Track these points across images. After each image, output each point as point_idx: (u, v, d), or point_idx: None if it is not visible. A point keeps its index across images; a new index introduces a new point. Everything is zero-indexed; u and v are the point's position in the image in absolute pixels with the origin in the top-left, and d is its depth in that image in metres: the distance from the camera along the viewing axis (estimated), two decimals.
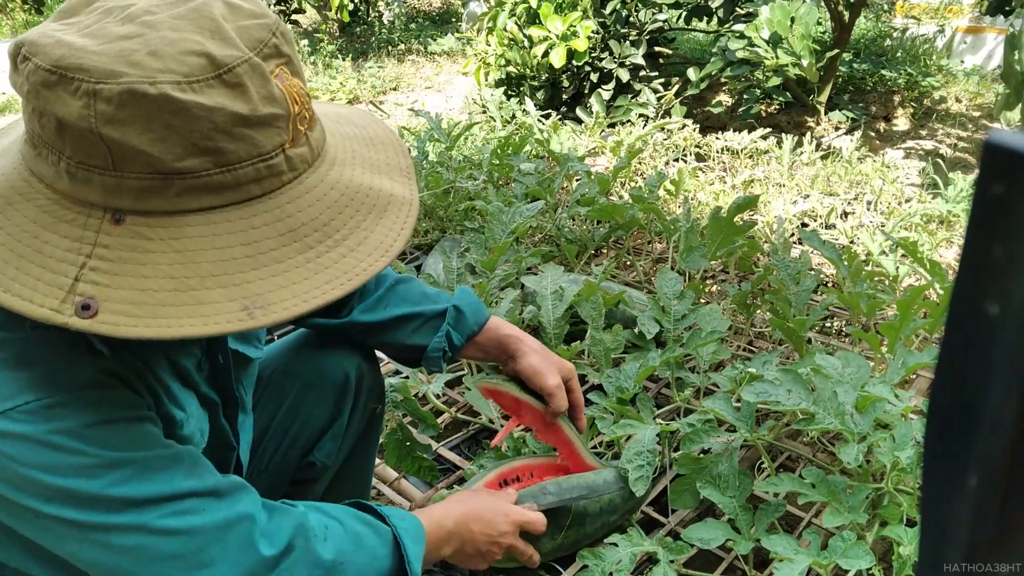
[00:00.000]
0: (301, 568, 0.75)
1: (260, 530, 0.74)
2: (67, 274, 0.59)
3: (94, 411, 0.65)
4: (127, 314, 0.59)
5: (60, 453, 0.63)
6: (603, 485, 1.30)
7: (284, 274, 0.63)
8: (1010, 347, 0.26)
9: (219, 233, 0.62)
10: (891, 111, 4.82)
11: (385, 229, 0.70)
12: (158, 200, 0.61)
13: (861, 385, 1.31)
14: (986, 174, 0.25)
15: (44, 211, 0.61)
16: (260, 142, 0.63)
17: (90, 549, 0.67)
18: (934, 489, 0.31)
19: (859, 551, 1.09)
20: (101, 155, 0.59)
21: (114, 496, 0.66)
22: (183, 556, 0.69)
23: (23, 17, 9.36)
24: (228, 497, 0.74)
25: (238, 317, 0.60)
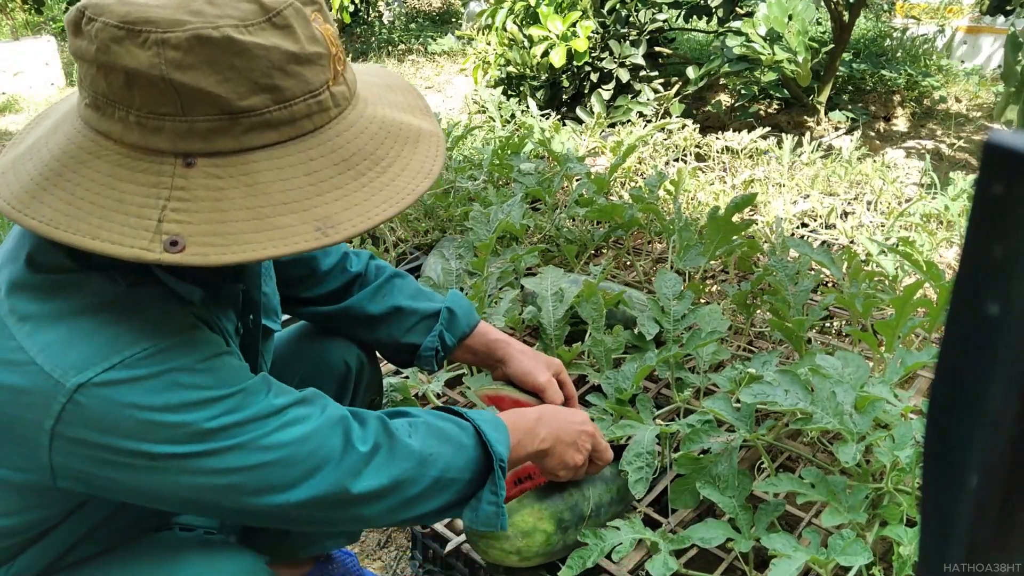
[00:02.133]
0: (395, 460, 0.81)
1: (353, 429, 0.80)
2: (150, 217, 0.64)
3: (200, 350, 0.72)
4: (213, 244, 0.64)
5: (180, 390, 0.69)
6: (612, 476, 1.32)
7: (345, 198, 0.69)
8: (1010, 347, 0.26)
9: (283, 167, 0.68)
10: (891, 111, 4.82)
11: (422, 156, 0.77)
12: (225, 140, 0.66)
13: (860, 385, 1.31)
14: (986, 174, 0.25)
15: (116, 165, 0.66)
16: (309, 79, 0.69)
17: (207, 477, 0.72)
18: (934, 489, 0.31)
19: (857, 548, 1.09)
20: (171, 101, 0.64)
21: (229, 423, 0.72)
22: (294, 463, 0.75)
23: (23, 17, 9.35)
24: (318, 400, 0.81)
25: (314, 236, 0.67)
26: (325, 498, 0.78)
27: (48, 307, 0.70)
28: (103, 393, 0.67)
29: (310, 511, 0.79)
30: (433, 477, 0.85)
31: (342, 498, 0.79)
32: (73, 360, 0.67)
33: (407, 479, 0.83)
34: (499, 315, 1.80)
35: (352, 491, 0.79)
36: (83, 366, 0.67)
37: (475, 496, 0.92)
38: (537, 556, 1.22)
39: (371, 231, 2.62)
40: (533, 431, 1.02)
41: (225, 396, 0.72)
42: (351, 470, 0.79)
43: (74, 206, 0.66)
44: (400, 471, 0.82)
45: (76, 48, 0.66)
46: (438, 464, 0.86)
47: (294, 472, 0.76)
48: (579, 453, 1.09)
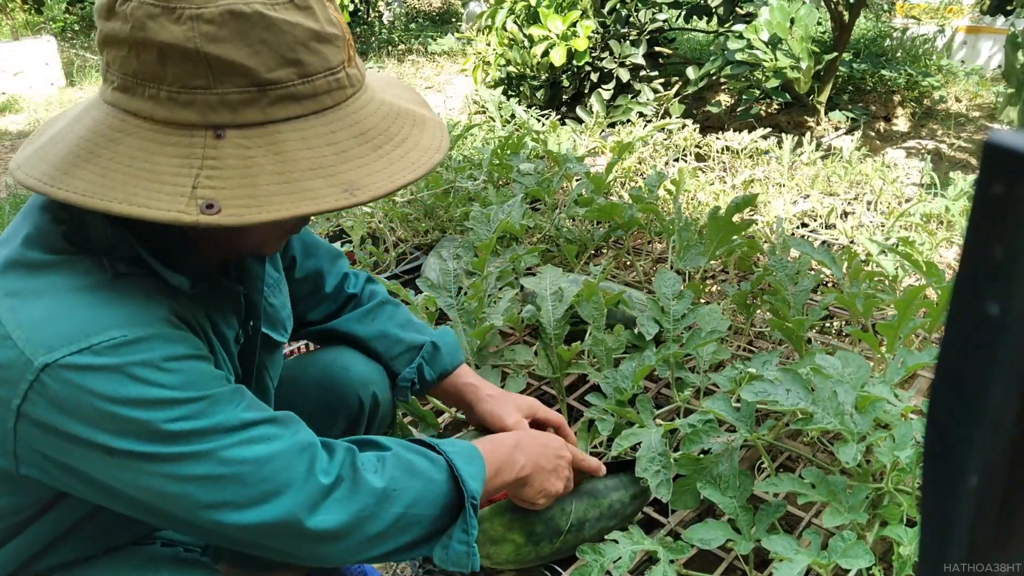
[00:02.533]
0: (356, 496, 0.80)
1: (319, 458, 0.79)
2: (184, 184, 0.67)
3: (171, 347, 0.72)
4: (247, 206, 0.67)
5: (140, 385, 0.69)
6: (603, 490, 1.29)
7: (367, 166, 0.73)
8: (1010, 347, 0.26)
9: (307, 137, 0.71)
10: (891, 111, 4.82)
11: (429, 137, 0.81)
12: (253, 112, 0.69)
13: (860, 385, 1.31)
14: (986, 174, 0.25)
15: (147, 140, 0.69)
16: (329, 57, 0.73)
17: (162, 481, 0.72)
18: (934, 489, 0.31)
19: (859, 550, 1.09)
20: (203, 74, 0.67)
21: (188, 429, 0.71)
22: (252, 483, 0.74)
23: (23, 17, 9.35)
24: (290, 426, 0.80)
25: (342, 196, 0.70)
26: (278, 526, 0.76)
27: (33, 284, 0.71)
28: (67, 376, 0.68)
29: (262, 537, 0.77)
30: (396, 514, 0.83)
31: (297, 530, 0.77)
32: (44, 339, 0.68)
33: (367, 516, 0.81)
34: (498, 314, 1.80)
35: (307, 525, 0.77)
36: (52, 346, 0.68)
37: (446, 533, 0.89)
38: (507, 563, 1.21)
39: (373, 233, 2.62)
40: (511, 459, 1.00)
41: (189, 400, 0.72)
42: (309, 501, 0.77)
43: (107, 178, 0.68)
44: (361, 507, 0.80)
45: (108, 31, 0.69)
46: (403, 500, 0.84)
47: (250, 492, 0.74)
48: (559, 480, 1.07)
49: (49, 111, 6.00)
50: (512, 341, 2.02)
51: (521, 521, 1.19)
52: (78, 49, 8.34)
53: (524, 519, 1.20)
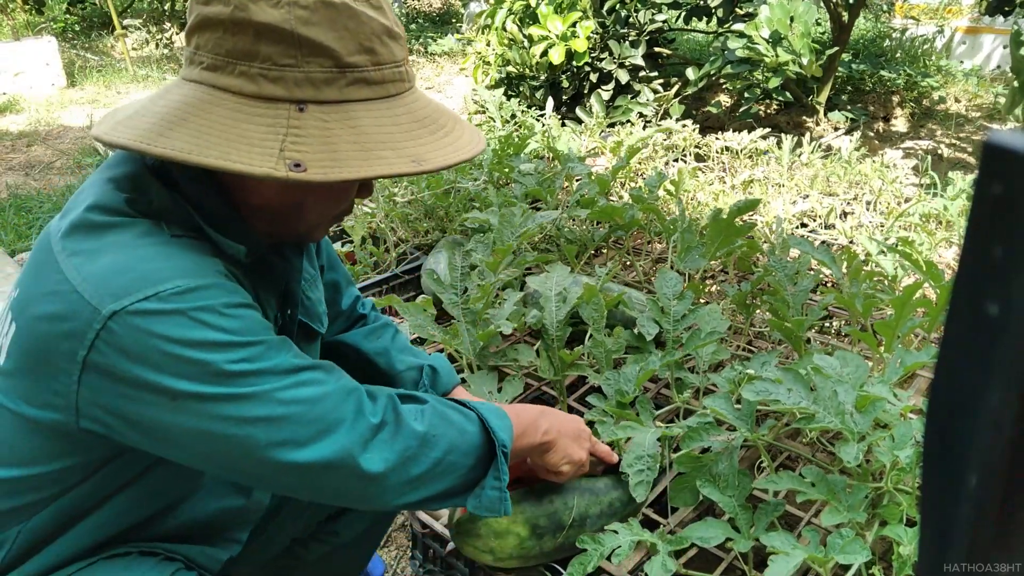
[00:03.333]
0: (399, 437, 0.85)
1: (365, 401, 0.85)
2: (273, 147, 0.74)
3: (229, 295, 0.78)
4: (330, 167, 0.75)
5: (203, 328, 0.74)
6: (603, 488, 1.30)
7: (426, 145, 0.82)
8: (1010, 347, 0.26)
9: (376, 117, 0.80)
10: (890, 111, 4.82)
11: (471, 131, 0.91)
12: (332, 91, 0.77)
13: (860, 384, 1.31)
14: (986, 174, 0.25)
15: (236, 111, 0.76)
16: (395, 52, 0.83)
17: (224, 424, 0.76)
18: (934, 489, 0.31)
19: (857, 547, 1.09)
20: (293, 54, 0.75)
21: (247, 369, 0.76)
22: (308, 422, 0.79)
23: (24, 17, 9.34)
24: (334, 371, 0.85)
25: (410, 164, 0.79)
26: (333, 464, 0.81)
27: (96, 244, 0.78)
28: (134, 322, 0.73)
29: (318, 478, 0.81)
30: (435, 458, 0.88)
31: (350, 468, 0.82)
32: (111, 289, 0.74)
33: (411, 456, 0.85)
34: (503, 317, 1.80)
35: (360, 461, 0.82)
36: (120, 295, 0.73)
37: (479, 484, 0.94)
38: (511, 559, 1.21)
39: (373, 233, 2.62)
40: (536, 423, 1.05)
41: (247, 343, 0.77)
42: (360, 438, 0.82)
43: (201, 139, 0.75)
44: (404, 447, 0.85)
45: (207, 13, 0.77)
46: (441, 445, 0.89)
47: (306, 430, 0.79)
48: (581, 449, 1.12)
49: (50, 111, 6.00)
50: (512, 341, 2.02)
51: (525, 514, 1.20)
52: (79, 50, 8.33)
53: (528, 512, 1.21)
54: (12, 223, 3.59)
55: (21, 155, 4.89)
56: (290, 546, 1.22)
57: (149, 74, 7.25)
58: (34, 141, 5.19)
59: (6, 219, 3.63)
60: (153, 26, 8.73)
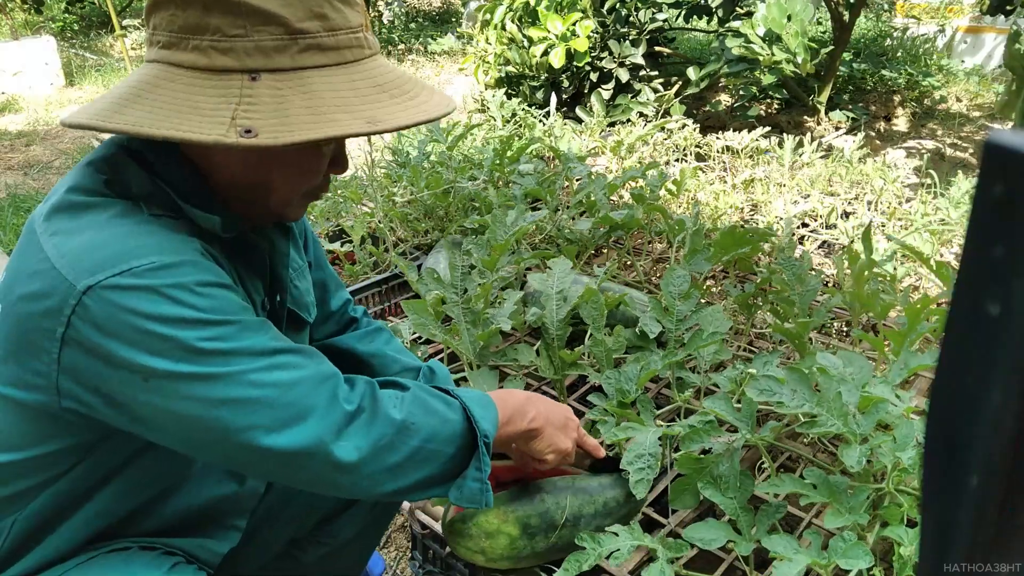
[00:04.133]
0: (375, 425, 0.84)
1: (341, 388, 0.84)
2: (224, 115, 0.75)
3: (203, 274, 0.78)
4: (280, 131, 0.75)
5: (175, 305, 0.75)
6: (598, 487, 1.29)
7: (385, 108, 0.82)
8: (1010, 347, 0.26)
9: (332, 83, 0.80)
10: (891, 111, 4.82)
11: (438, 98, 0.89)
12: (284, 58, 0.78)
13: (863, 385, 1.31)
14: (986, 174, 0.25)
15: (189, 84, 0.77)
16: (350, 17, 0.82)
17: (195, 405, 0.76)
18: (935, 489, 0.31)
19: (859, 551, 1.09)
20: (241, 24, 0.76)
21: (219, 348, 0.76)
22: (280, 406, 0.79)
23: (23, 17, 9.35)
24: (314, 356, 0.85)
25: (364, 126, 0.78)
26: (306, 451, 0.80)
27: (75, 223, 0.79)
28: (107, 296, 0.74)
29: (293, 463, 0.80)
30: (413, 446, 0.87)
31: (323, 456, 0.81)
32: (87, 265, 0.75)
33: (386, 445, 0.84)
34: (504, 316, 1.80)
35: (332, 450, 0.81)
36: (94, 270, 0.74)
37: (460, 475, 0.93)
38: (503, 559, 1.21)
39: (373, 233, 2.62)
40: (523, 410, 1.04)
41: (219, 322, 0.77)
42: (333, 426, 0.81)
43: (154, 113, 0.76)
44: (379, 435, 0.84)
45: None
46: (420, 433, 0.87)
47: (278, 415, 0.78)
48: (568, 439, 1.10)
49: (49, 111, 6.00)
50: (513, 341, 2.02)
51: (516, 514, 1.20)
52: (77, 49, 8.34)
53: (519, 512, 1.20)
54: (11, 223, 3.59)
55: (20, 155, 4.89)
56: (288, 548, 1.22)
57: None
58: (33, 141, 5.20)
59: (5, 219, 3.63)
60: None
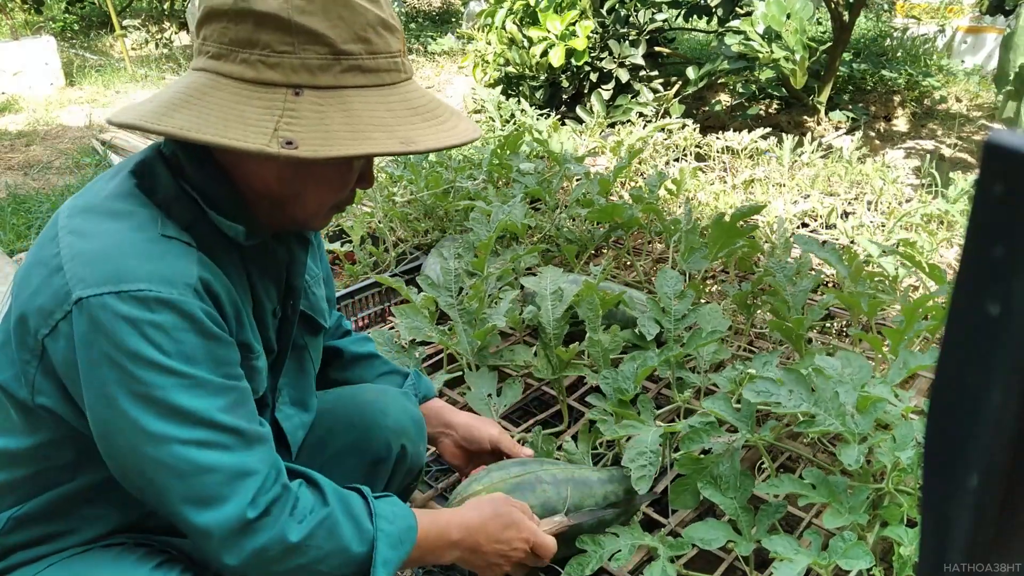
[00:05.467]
0: (268, 534, 0.85)
1: (258, 490, 0.84)
2: (267, 126, 0.79)
3: (184, 319, 0.80)
4: (320, 145, 0.79)
5: (146, 343, 0.78)
6: (598, 482, 1.31)
7: (418, 129, 0.86)
8: (1010, 347, 0.26)
9: (369, 103, 0.84)
10: (891, 111, 4.82)
11: (465, 123, 0.93)
12: (327, 77, 0.82)
13: (862, 385, 1.31)
14: (986, 174, 0.25)
15: (235, 95, 0.81)
16: (391, 43, 0.86)
17: (127, 444, 0.80)
18: (934, 489, 0.31)
19: (859, 551, 1.09)
20: (290, 41, 0.80)
21: (161, 398, 0.79)
22: (190, 484, 0.81)
23: (23, 17, 9.34)
24: (250, 447, 0.85)
25: (399, 145, 0.82)
26: (199, 532, 0.82)
27: (94, 227, 0.83)
28: (92, 313, 0.77)
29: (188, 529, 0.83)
30: (298, 564, 0.88)
31: (213, 546, 0.83)
32: (86, 275, 0.78)
33: (271, 558, 0.85)
34: (500, 315, 1.80)
35: (219, 548, 0.83)
36: (90, 283, 0.78)
37: None
38: None
39: (373, 233, 2.62)
40: (439, 554, 1.03)
41: (179, 372, 0.80)
42: (228, 527, 0.82)
43: (202, 119, 0.80)
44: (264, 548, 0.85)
45: (213, 5, 0.82)
46: (310, 555, 0.88)
47: (187, 491, 0.81)
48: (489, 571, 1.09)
49: (49, 111, 6.00)
50: (512, 341, 2.02)
51: None
52: (78, 49, 8.33)
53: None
54: (11, 223, 3.59)
55: (20, 155, 4.89)
56: None
57: (148, 74, 7.25)
58: (33, 141, 5.20)
59: (5, 219, 3.63)
60: (152, 26, 8.73)
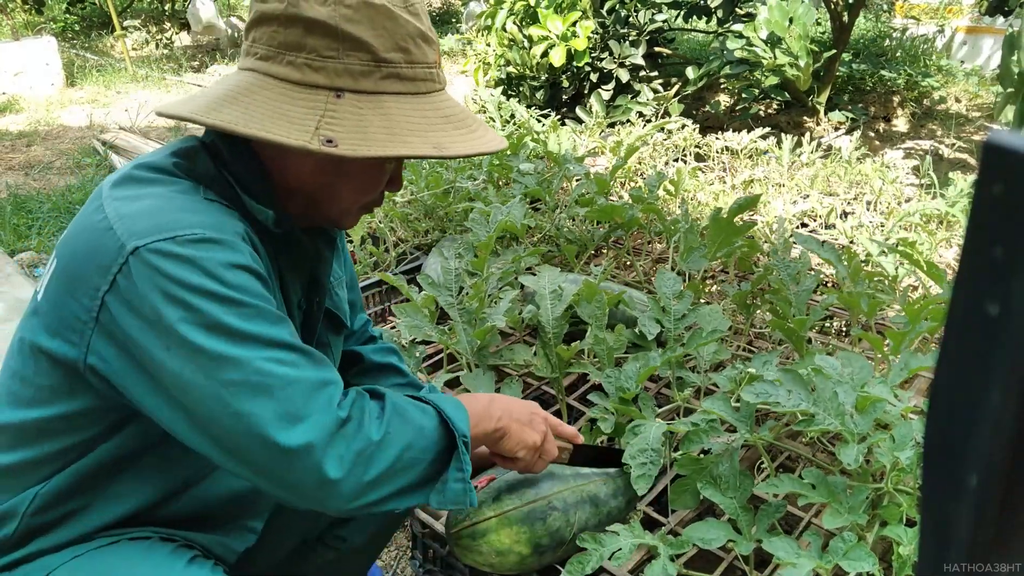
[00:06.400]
0: (358, 437, 0.86)
1: (336, 396, 0.86)
2: (309, 124, 0.84)
3: (240, 256, 0.84)
4: (358, 144, 0.83)
5: (206, 277, 0.80)
6: (604, 498, 1.31)
7: (449, 136, 0.90)
8: (1010, 347, 0.26)
9: (405, 109, 0.89)
10: (891, 111, 4.82)
11: (492, 134, 0.98)
12: (368, 82, 0.87)
13: (861, 385, 1.31)
14: (986, 174, 0.25)
15: (280, 94, 0.86)
16: (428, 54, 0.92)
17: (203, 378, 0.79)
18: (934, 489, 0.31)
19: (861, 553, 1.09)
20: (335, 47, 0.85)
21: (231, 325, 0.80)
22: (280, 400, 0.81)
23: (23, 17, 9.34)
24: (318, 360, 0.88)
25: (432, 149, 0.87)
26: (298, 451, 0.80)
27: (137, 192, 0.87)
28: (151, 259, 0.80)
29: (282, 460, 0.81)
30: (392, 456, 0.88)
31: (313, 462, 0.81)
32: (138, 228, 0.81)
33: (367, 457, 0.85)
34: (499, 315, 1.80)
35: (322, 459, 0.81)
36: (144, 234, 0.81)
37: (440, 478, 0.93)
38: (511, 570, 1.23)
39: (373, 233, 2.62)
40: (488, 411, 1.06)
41: (240, 302, 0.82)
42: (326, 434, 0.82)
43: (248, 115, 0.84)
44: (362, 447, 0.85)
45: (264, 10, 0.87)
46: (398, 444, 0.88)
47: (279, 408, 0.80)
48: (535, 432, 1.12)
49: (49, 111, 6.00)
50: (512, 341, 2.02)
51: (528, 534, 1.20)
52: (78, 49, 8.33)
53: (532, 532, 1.20)
54: (11, 223, 3.58)
55: (20, 155, 4.89)
56: (297, 549, 1.22)
57: (149, 74, 7.25)
58: (33, 141, 5.20)
59: (5, 219, 3.63)
60: (153, 26, 8.73)
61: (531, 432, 1.10)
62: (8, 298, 2.85)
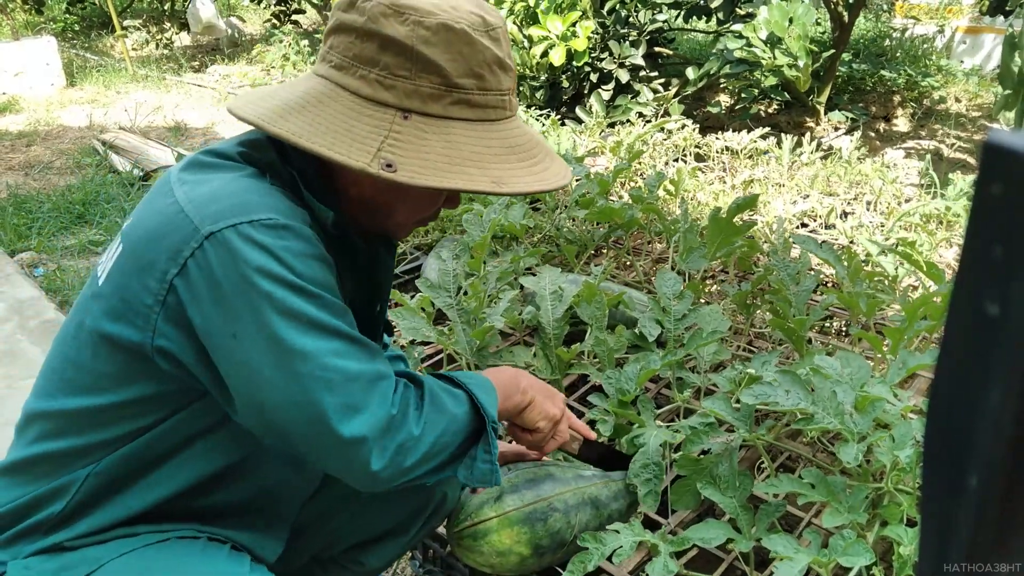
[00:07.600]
0: (402, 430, 0.88)
1: (389, 390, 0.88)
2: (372, 145, 0.83)
3: (312, 246, 0.84)
4: (418, 172, 0.82)
5: (280, 265, 0.81)
6: (605, 500, 1.31)
7: (511, 170, 0.89)
8: (1010, 347, 0.26)
9: (470, 136, 0.87)
10: (891, 111, 4.82)
11: (559, 166, 0.96)
12: (436, 106, 0.86)
13: (861, 385, 1.31)
14: (986, 174, 0.25)
15: (350, 108, 0.85)
16: (502, 81, 0.90)
17: (269, 363, 0.81)
18: (934, 489, 0.31)
19: (859, 549, 1.09)
20: (408, 67, 0.84)
21: (304, 314, 0.81)
22: (341, 393, 0.83)
23: (24, 17, 9.34)
24: (375, 353, 0.89)
25: (490, 184, 0.85)
26: (354, 442, 0.83)
27: (204, 176, 0.87)
28: (226, 243, 0.80)
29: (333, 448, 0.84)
30: (428, 444, 0.91)
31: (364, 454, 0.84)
32: (211, 211, 0.81)
33: (407, 449, 0.88)
34: (498, 315, 1.80)
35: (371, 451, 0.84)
36: (217, 218, 0.81)
37: (468, 454, 0.97)
38: (510, 570, 1.23)
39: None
40: (516, 383, 1.10)
41: (311, 293, 0.82)
42: (379, 428, 0.85)
43: (314, 127, 0.84)
44: (403, 440, 0.88)
45: (344, 20, 0.87)
46: (433, 433, 0.92)
47: (337, 399, 0.82)
48: (555, 406, 1.15)
49: (49, 111, 6.00)
50: (512, 342, 2.02)
51: (529, 535, 1.21)
52: (78, 49, 8.33)
53: (532, 533, 1.21)
54: (11, 223, 3.58)
55: (20, 155, 4.89)
56: (310, 565, 1.22)
57: (149, 74, 7.25)
58: (33, 141, 5.20)
59: (6, 219, 3.63)
60: (153, 26, 8.73)
61: (552, 406, 1.15)
62: (8, 298, 2.85)
